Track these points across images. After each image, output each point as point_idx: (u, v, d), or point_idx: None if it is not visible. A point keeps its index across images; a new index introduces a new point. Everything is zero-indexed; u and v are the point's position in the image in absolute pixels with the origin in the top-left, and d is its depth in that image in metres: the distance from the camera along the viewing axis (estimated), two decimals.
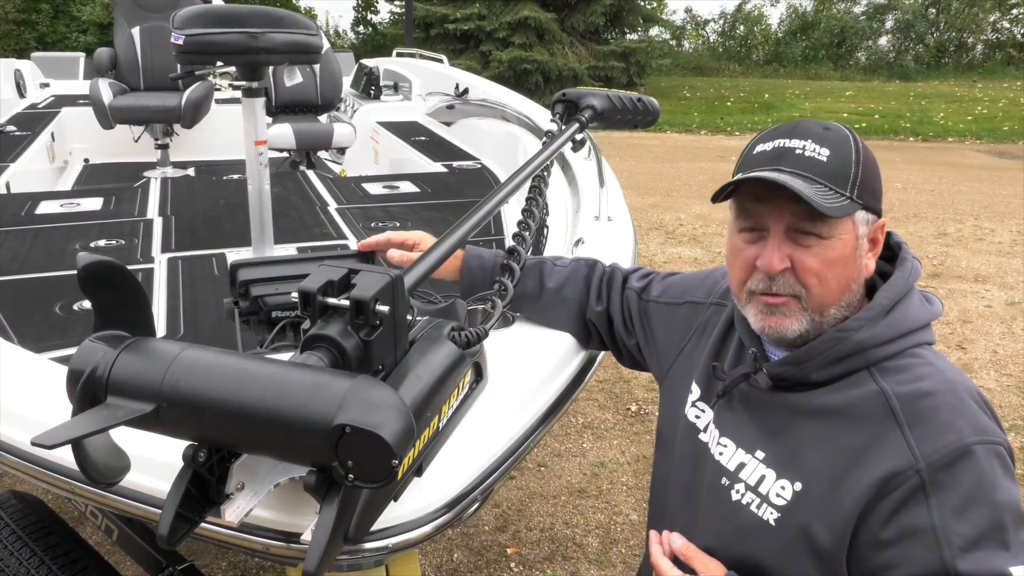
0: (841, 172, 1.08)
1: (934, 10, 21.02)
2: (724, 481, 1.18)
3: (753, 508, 1.13)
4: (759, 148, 1.13)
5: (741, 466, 1.16)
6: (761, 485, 1.13)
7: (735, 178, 1.11)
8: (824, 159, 1.08)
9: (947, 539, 0.98)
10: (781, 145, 1.11)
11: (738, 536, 1.15)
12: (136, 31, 4.91)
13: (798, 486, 1.09)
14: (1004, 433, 1.06)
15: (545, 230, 2.22)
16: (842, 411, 1.08)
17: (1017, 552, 0.98)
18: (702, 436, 1.26)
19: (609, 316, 1.50)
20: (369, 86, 5.59)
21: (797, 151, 1.09)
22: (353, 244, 2.65)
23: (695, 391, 1.30)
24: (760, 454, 1.15)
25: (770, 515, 1.11)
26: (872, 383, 1.08)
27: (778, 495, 1.11)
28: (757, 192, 1.09)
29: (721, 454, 1.21)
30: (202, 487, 0.90)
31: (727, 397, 1.22)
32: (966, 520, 0.98)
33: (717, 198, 1.14)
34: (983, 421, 1.04)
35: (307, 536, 0.87)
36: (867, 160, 1.10)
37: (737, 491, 1.16)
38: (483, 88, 4.48)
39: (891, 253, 1.18)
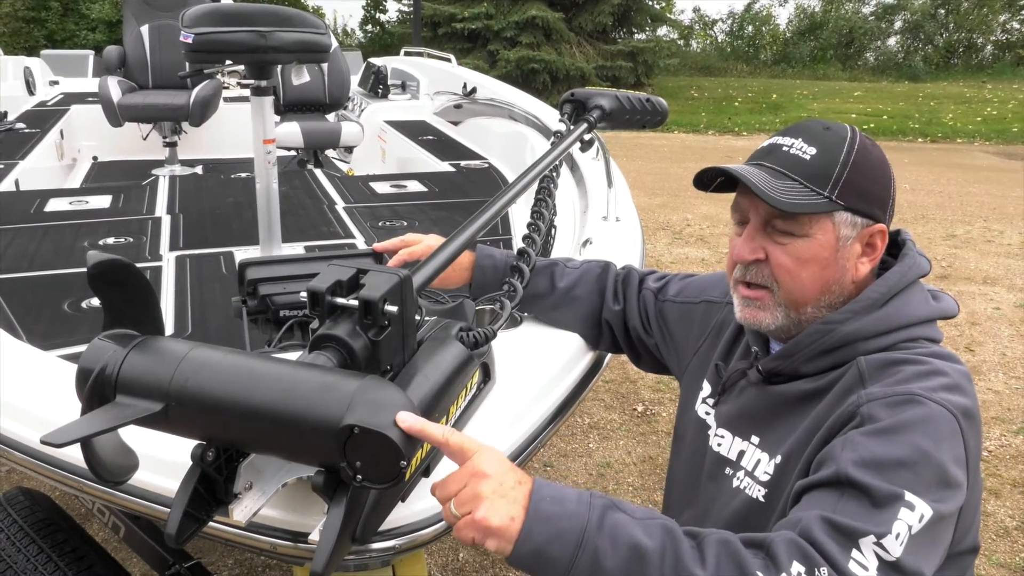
0: (823, 171, 1.07)
1: (943, 11, 20.90)
2: (727, 471, 1.21)
3: (748, 491, 1.15)
4: (762, 145, 1.16)
5: (741, 454, 1.19)
6: (756, 469, 1.15)
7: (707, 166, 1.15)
8: (807, 157, 1.08)
9: (853, 447, 0.95)
10: (775, 142, 1.13)
11: (738, 520, 1.17)
12: (145, 29, 4.93)
13: (778, 459, 1.11)
14: (977, 424, 1.01)
15: (553, 231, 2.22)
16: (823, 390, 1.09)
17: (918, 493, 0.90)
18: (709, 432, 1.29)
19: (626, 316, 1.51)
20: (377, 85, 5.59)
21: (784, 148, 1.11)
22: (361, 243, 2.65)
23: (706, 388, 1.33)
24: (755, 439, 1.17)
25: (759, 493, 1.13)
26: (855, 370, 1.07)
27: (765, 472, 1.13)
28: (743, 186, 1.11)
29: (720, 445, 1.24)
30: (210, 486, 0.90)
31: (728, 392, 1.26)
32: (881, 443, 0.94)
33: (708, 188, 1.18)
34: (950, 395, 0.99)
35: (315, 536, 0.87)
36: (860, 163, 1.09)
37: (738, 478, 1.19)
38: (491, 87, 4.47)
39: (899, 251, 1.19)
